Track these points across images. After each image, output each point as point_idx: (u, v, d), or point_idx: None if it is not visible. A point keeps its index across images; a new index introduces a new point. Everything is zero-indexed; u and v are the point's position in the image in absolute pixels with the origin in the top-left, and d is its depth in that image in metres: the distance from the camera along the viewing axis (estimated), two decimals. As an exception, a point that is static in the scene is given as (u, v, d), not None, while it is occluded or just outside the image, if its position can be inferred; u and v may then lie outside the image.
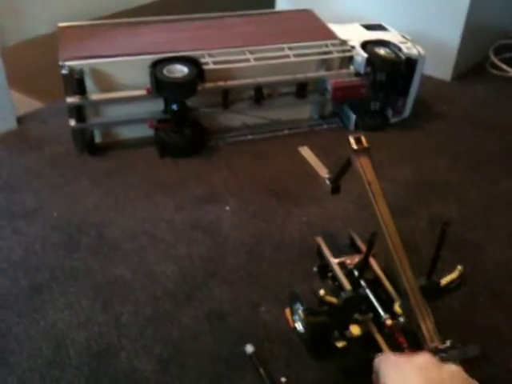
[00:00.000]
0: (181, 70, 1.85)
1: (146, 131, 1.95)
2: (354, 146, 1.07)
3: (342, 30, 2.15)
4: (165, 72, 1.83)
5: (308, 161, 1.27)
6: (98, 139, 1.95)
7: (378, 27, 2.24)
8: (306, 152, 1.28)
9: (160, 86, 1.82)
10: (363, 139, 1.07)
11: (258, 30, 2.14)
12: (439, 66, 2.46)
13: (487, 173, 1.94)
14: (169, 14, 2.16)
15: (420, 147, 2.08)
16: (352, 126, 2.13)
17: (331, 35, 2.12)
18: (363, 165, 1.06)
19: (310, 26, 2.21)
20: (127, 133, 1.99)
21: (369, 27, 2.23)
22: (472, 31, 2.45)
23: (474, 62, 2.66)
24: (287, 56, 2.00)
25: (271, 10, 2.64)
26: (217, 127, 2.06)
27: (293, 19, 2.27)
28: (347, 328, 1.11)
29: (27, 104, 2.18)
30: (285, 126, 2.11)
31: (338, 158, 1.19)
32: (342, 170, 1.15)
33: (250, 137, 2.06)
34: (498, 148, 2.09)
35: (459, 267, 1.13)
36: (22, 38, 2.09)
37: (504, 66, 2.61)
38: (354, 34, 2.14)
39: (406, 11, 2.46)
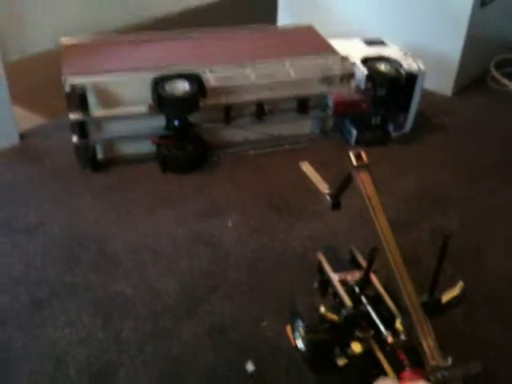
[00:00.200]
0: (183, 87, 1.86)
1: (147, 147, 1.95)
2: (355, 162, 1.07)
3: (342, 46, 2.16)
4: (167, 88, 1.84)
5: (309, 176, 1.27)
6: (100, 155, 1.96)
7: (379, 42, 2.26)
8: (306, 168, 1.28)
9: (162, 102, 1.83)
10: (363, 155, 1.07)
11: (258, 46, 2.15)
12: (440, 81, 2.47)
13: (487, 185, 1.94)
14: (171, 29, 2.17)
15: (421, 160, 2.08)
16: (353, 140, 2.13)
17: (332, 51, 2.13)
18: (363, 180, 1.06)
19: (311, 41, 2.23)
20: (129, 149, 1.99)
21: (369, 42, 2.25)
22: (473, 46, 2.46)
23: (474, 77, 2.66)
24: (288, 72, 2.00)
25: (272, 25, 2.65)
26: (219, 142, 2.06)
27: (294, 34, 2.29)
28: (348, 345, 1.10)
29: (30, 119, 2.19)
30: (286, 141, 2.12)
31: (338, 174, 1.19)
32: (343, 185, 1.15)
33: (251, 152, 2.06)
34: (499, 161, 2.09)
35: (461, 283, 1.12)
36: (26, 54, 2.11)
37: (505, 81, 2.62)
38: (354, 50, 2.15)
39: (406, 27, 2.46)
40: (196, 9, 2.54)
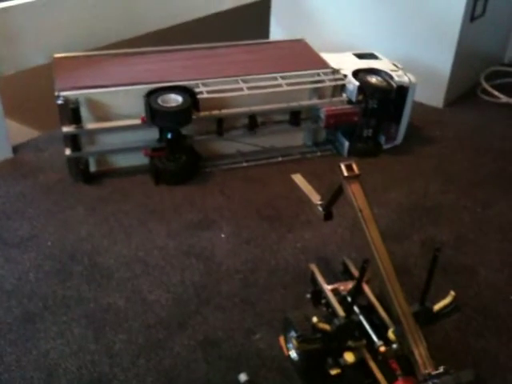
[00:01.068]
0: (175, 100, 1.87)
1: (140, 159, 1.96)
2: (345, 173, 1.08)
3: (334, 59, 2.18)
4: (159, 101, 1.85)
5: (301, 188, 1.28)
6: (93, 167, 1.96)
7: (370, 56, 2.28)
8: (298, 179, 1.29)
9: (155, 115, 1.84)
10: (354, 166, 1.08)
11: (251, 59, 2.17)
12: (431, 93, 2.49)
13: (479, 196, 1.96)
14: (164, 44, 2.18)
15: (413, 172, 2.09)
16: (345, 152, 2.15)
17: (323, 64, 2.15)
18: (354, 191, 1.07)
19: (303, 54, 2.25)
20: (122, 161, 2.00)
21: (361, 56, 2.27)
22: (463, 59, 2.49)
23: (465, 89, 2.69)
24: (280, 85, 2.03)
25: (265, 40, 2.67)
26: (211, 153, 2.07)
27: (286, 48, 2.31)
28: (341, 355, 1.11)
29: (23, 133, 2.19)
30: (278, 153, 2.13)
31: (330, 185, 1.20)
32: (334, 196, 1.16)
33: (244, 164, 2.07)
34: (490, 172, 2.11)
35: (452, 292, 1.13)
36: (19, 68, 2.11)
37: (495, 92, 2.64)
38: (346, 63, 2.17)
39: (398, 41, 2.49)
40: (188, 23, 2.56)
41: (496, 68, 2.84)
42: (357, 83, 2.03)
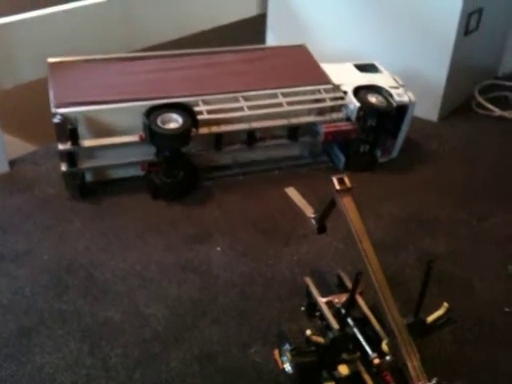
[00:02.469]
0: (175, 120, 1.85)
1: (137, 170, 1.96)
2: (337, 187, 1.09)
3: (334, 72, 2.17)
4: (159, 122, 1.82)
5: (294, 201, 1.29)
6: (89, 178, 1.96)
7: (371, 68, 2.28)
8: (292, 192, 1.30)
9: (154, 136, 1.82)
10: (346, 180, 1.09)
11: (251, 70, 2.14)
12: (426, 106, 2.51)
13: (475, 209, 1.97)
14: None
15: (408, 185, 2.10)
16: (341, 165, 2.16)
17: (324, 78, 2.14)
18: (346, 205, 1.08)
19: (304, 65, 2.21)
20: (119, 172, 1.99)
21: (361, 68, 2.26)
22: (457, 72, 2.52)
23: (460, 102, 2.72)
24: (281, 104, 2.02)
25: (264, 46, 2.59)
26: (208, 166, 2.07)
27: (286, 56, 2.26)
28: (335, 368, 1.11)
29: (20, 147, 2.20)
30: (275, 165, 2.13)
31: (323, 198, 1.21)
32: (327, 209, 1.17)
33: (241, 177, 2.08)
34: (485, 185, 2.12)
35: (445, 304, 1.14)
36: (16, 82, 2.13)
37: (489, 106, 2.67)
38: (346, 76, 2.17)
39: (393, 54, 2.50)
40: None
41: (490, 81, 2.87)
42: (357, 104, 2.03)
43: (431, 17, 2.40)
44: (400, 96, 2.10)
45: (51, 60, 1.99)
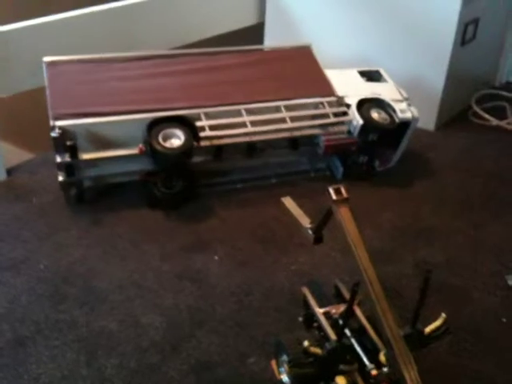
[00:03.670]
0: (177, 137, 1.82)
1: (136, 175, 1.92)
2: (334, 197, 1.09)
3: (338, 80, 2.15)
4: (160, 139, 1.79)
5: (291, 211, 1.29)
6: (86, 183, 1.93)
7: (375, 74, 2.27)
8: (288, 202, 1.30)
9: (155, 154, 1.80)
10: (343, 190, 1.09)
11: (253, 78, 2.10)
12: (423, 116, 2.49)
13: (472, 218, 1.97)
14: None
15: (406, 194, 2.11)
16: (340, 175, 2.16)
17: (328, 90, 2.11)
18: (343, 215, 1.08)
19: (308, 72, 2.18)
20: (117, 177, 1.95)
21: (365, 74, 2.25)
22: (454, 82, 2.53)
23: (456, 112, 2.73)
24: (284, 119, 2.01)
25: (268, 48, 2.50)
26: (206, 175, 2.05)
27: (290, 61, 2.21)
28: (333, 379, 1.10)
29: (18, 155, 2.20)
30: (273, 173, 2.13)
31: (321, 208, 1.21)
32: (324, 220, 1.17)
33: (238, 186, 2.08)
34: (482, 194, 2.12)
35: (443, 315, 1.13)
36: (14, 91, 2.13)
37: (486, 115, 2.68)
38: (350, 87, 2.15)
39: (388, 64, 2.51)
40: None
41: (486, 91, 2.88)
42: (361, 121, 2.02)
43: (428, 27, 2.42)
44: (403, 112, 2.09)
45: (47, 59, 1.95)
